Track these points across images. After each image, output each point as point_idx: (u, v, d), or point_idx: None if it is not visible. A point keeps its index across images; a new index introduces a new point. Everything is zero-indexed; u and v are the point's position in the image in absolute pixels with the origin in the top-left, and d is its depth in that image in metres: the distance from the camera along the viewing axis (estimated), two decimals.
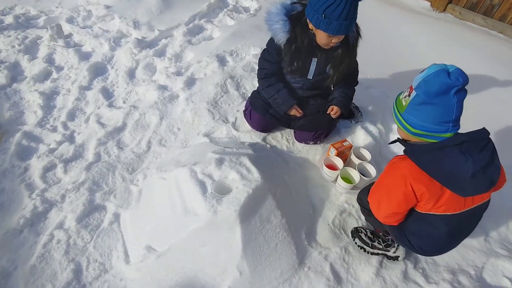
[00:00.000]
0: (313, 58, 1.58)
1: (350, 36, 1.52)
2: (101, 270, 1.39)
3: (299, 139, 1.90)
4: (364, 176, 1.60)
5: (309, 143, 1.88)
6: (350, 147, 1.69)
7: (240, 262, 1.25)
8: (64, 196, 1.65)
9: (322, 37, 1.42)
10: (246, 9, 3.25)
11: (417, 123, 1.00)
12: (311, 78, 1.66)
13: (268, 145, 1.88)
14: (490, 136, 1.00)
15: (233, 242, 1.26)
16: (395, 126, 2.04)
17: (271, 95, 1.71)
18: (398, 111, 1.07)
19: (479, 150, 0.95)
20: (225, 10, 3.12)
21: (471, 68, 1.64)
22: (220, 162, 1.43)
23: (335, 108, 1.72)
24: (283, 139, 1.95)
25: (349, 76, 1.73)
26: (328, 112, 1.75)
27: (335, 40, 1.42)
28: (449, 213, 1.08)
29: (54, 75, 2.41)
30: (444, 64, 0.96)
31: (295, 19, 1.48)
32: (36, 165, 1.78)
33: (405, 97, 1.04)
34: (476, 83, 2.27)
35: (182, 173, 1.43)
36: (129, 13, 2.95)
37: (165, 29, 2.82)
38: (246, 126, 2.00)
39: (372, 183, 1.35)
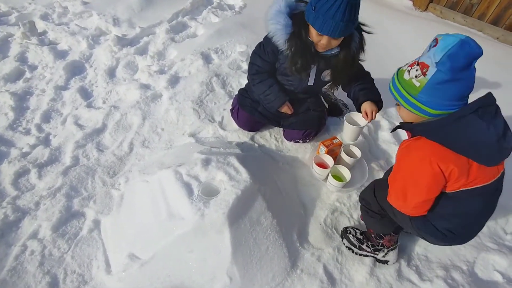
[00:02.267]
0: (312, 65, 1.47)
1: (352, 46, 1.39)
2: (80, 282, 1.29)
3: (288, 137, 1.86)
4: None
5: (298, 142, 1.84)
6: (340, 144, 1.66)
7: (230, 268, 1.19)
8: (38, 203, 1.54)
9: (312, 34, 1.32)
10: (231, 7, 3.19)
11: (438, 103, 0.89)
12: (312, 84, 1.57)
13: (256, 144, 1.83)
14: None
15: (222, 247, 1.19)
16: (384, 122, 2.04)
17: (263, 90, 1.61)
18: (409, 94, 0.93)
19: (493, 115, 0.88)
20: (209, 7, 3.05)
21: None
22: (206, 163, 1.37)
23: (368, 109, 1.48)
24: (271, 138, 1.89)
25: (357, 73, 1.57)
26: (366, 117, 1.50)
27: (324, 42, 1.29)
28: (483, 184, 0.97)
29: (27, 74, 2.26)
30: (452, 34, 0.87)
31: (298, 20, 1.34)
32: (6, 170, 1.65)
33: (416, 76, 0.90)
34: None
35: (167, 175, 1.35)
36: (108, 9, 2.82)
37: (147, 26, 2.71)
38: (233, 125, 1.93)
39: (377, 181, 1.31)
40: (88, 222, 1.47)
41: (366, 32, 1.41)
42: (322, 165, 1.62)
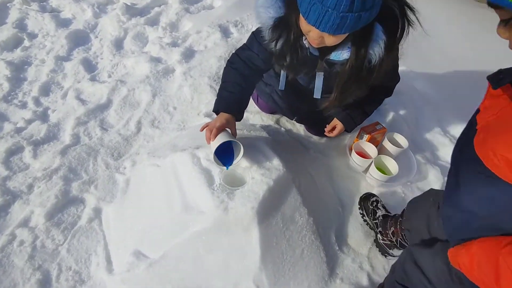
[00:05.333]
0: (305, 69, 1.08)
1: (372, 52, 0.89)
2: (76, 281, 1.08)
3: (307, 128, 1.61)
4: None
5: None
6: (384, 131, 1.41)
7: (258, 274, 0.96)
8: (31, 186, 1.33)
9: (301, 21, 0.85)
10: None
11: None
12: (318, 97, 1.17)
13: (282, 129, 1.58)
14: None
15: (248, 249, 0.97)
16: (426, 109, 1.77)
17: (224, 80, 1.16)
18: None
19: None
20: None
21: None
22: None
23: (338, 126, 1.29)
24: None
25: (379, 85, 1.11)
26: (326, 130, 1.33)
27: (313, 35, 0.85)
28: None
29: (26, 43, 2.03)
30: None
31: (291, 3, 0.87)
32: None
33: None
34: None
35: (182, 158, 1.12)
36: None
37: None
38: (255, 106, 1.69)
39: (415, 249, 0.83)
40: (88, 210, 1.26)
41: (410, 24, 0.88)
42: (361, 154, 1.38)
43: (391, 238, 1.09)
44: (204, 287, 1.00)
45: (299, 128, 1.61)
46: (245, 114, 1.63)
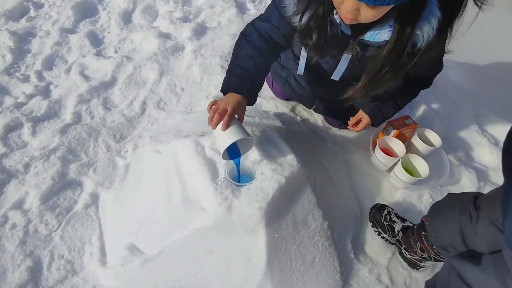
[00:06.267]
0: (334, 49, 0.90)
1: (420, 31, 0.71)
2: (68, 271, 1.01)
3: (325, 118, 1.44)
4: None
5: (334, 126, 1.42)
6: (415, 127, 1.24)
7: (263, 281, 0.86)
8: (28, 165, 1.25)
9: None
10: None
11: None
12: (337, 80, 1.04)
13: (298, 118, 1.43)
14: None
15: (253, 253, 0.86)
16: (461, 103, 1.58)
17: (235, 55, 1.01)
18: None
19: None
20: None
21: None
22: None
23: (364, 119, 1.14)
24: None
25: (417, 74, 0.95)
26: (350, 123, 1.18)
27: (347, 7, 0.67)
28: None
29: (32, 12, 1.93)
30: None
31: None
32: None
33: None
34: None
35: (184, 146, 1.00)
36: None
37: None
38: (269, 91, 1.54)
39: (458, 262, 0.72)
40: (84, 195, 1.18)
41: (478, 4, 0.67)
42: (386, 151, 1.22)
43: (421, 254, 0.95)
44: None
45: (317, 118, 1.46)
46: (257, 99, 1.50)
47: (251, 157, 0.94)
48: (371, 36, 0.80)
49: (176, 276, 0.91)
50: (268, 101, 1.49)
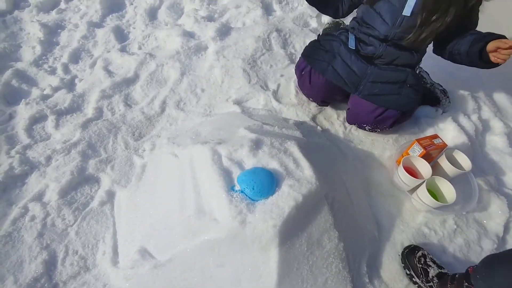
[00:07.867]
0: None
1: None
2: (81, 267, 1.03)
3: (352, 119, 1.38)
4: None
5: (365, 129, 1.36)
6: (443, 147, 1.17)
7: None
8: (50, 158, 1.29)
9: None
10: None
11: None
12: (408, 15, 1.10)
13: (319, 127, 1.39)
14: None
15: (264, 270, 0.84)
16: (496, 123, 1.48)
17: None
18: None
19: None
20: None
21: None
22: (257, 146, 0.98)
23: (500, 41, 1.02)
24: (338, 121, 1.44)
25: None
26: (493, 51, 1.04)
27: None
28: None
29: (62, 5, 1.98)
30: None
31: None
32: (22, 113, 1.42)
33: None
34: None
35: (201, 153, 0.99)
36: None
37: None
38: (291, 97, 1.51)
39: None
40: (101, 192, 1.20)
41: None
42: (410, 171, 1.16)
43: None
44: None
45: (338, 129, 1.41)
46: (278, 106, 1.47)
47: (270, 165, 0.92)
48: None
49: (185, 285, 0.90)
50: (289, 109, 1.46)
